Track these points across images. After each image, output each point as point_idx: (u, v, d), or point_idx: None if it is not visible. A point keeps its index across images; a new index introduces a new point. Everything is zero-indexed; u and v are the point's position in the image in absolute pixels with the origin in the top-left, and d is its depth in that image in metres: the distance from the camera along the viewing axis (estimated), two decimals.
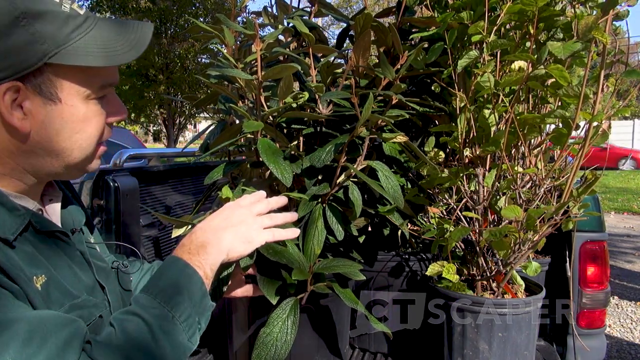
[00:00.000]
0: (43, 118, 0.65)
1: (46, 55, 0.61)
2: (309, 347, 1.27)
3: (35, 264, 0.65)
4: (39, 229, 0.69)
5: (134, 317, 0.66)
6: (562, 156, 1.17)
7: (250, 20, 1.21)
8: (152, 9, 12.29)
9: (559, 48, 1.01)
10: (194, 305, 0.70)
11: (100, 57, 0.65)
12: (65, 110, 0.66)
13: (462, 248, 1.35)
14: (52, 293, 0.66)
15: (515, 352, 1.19)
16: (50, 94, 0.64)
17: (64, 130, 0.67)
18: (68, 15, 0.64)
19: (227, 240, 0.78)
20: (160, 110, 13.77)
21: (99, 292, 0.78)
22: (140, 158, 2.28)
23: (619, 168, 13.85)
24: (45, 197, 0.78)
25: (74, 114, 0.67)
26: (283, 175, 1.09)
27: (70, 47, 0.63)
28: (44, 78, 0.63)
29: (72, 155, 0.69)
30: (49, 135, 0.66)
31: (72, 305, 0.68)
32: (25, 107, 0.63)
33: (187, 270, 0.72)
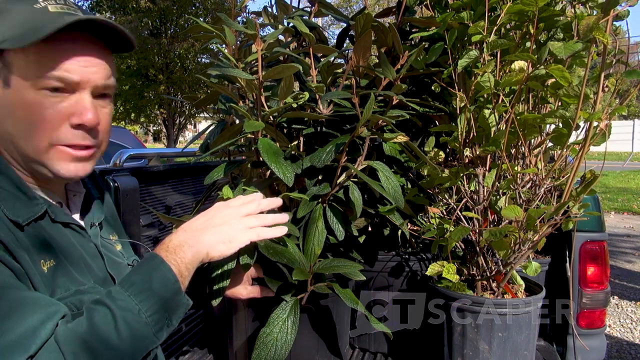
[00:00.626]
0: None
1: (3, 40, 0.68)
2: (309, 347, 1.27)
3: (46, 249, 0.71)
4: (54, 219, 0.76)
5: (102, 306, 0.68)
6: (562, 156, 1.17)
7: (250, 20, 1.21)
8: (152, 9, 12.28)
9: (560, 48, 1.01)
10: (164, 302, 0.71)
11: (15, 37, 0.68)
12: (12, 94, 0.70)
13: (462, 248, 1.35)
14: (58, 277, 0.71)
15: (515, 352, 1.19)
16: (6, 78, 0.70)
17: (12, 115, 0.71)
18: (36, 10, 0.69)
19: (205, 241, 0.79)
20: (160, 110, 13.77)
21: (110, 283, 0.83)
22: (140, 158, 2.28)
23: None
24: (69, 192, 0.86)
25: (20, 99, 0.70)
26: (285, 175, 1.09)
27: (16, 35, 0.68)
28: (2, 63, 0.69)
29: (20, 143, 0.72)
30: (3, 118, 0.71)
31: (78, 291, 0.74)
32: None
33: (161, 267, 0.73)
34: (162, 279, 0.72)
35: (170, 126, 14.03)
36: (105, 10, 12.78)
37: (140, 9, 12.23)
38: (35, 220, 0.72)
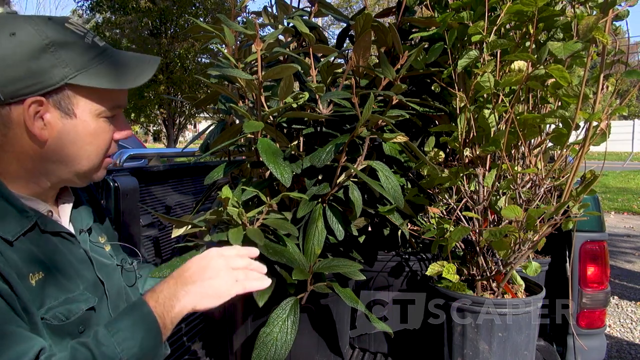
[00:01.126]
0: (60, 129, 0.76)
1: (67, 77, 0.74)
2: (309, 346, 1.27)
3: (35, 262, 0.74)
4: (43, 230, 0.78)
5: (86, 350, 0.71)
6: (562, 156, 1.17)
7: (250, 20, 1.21)
8: (152, 9, 12.28)
9: (560, 48, 1.01)
10: (146, 352, 0.75)
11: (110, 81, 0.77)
12: (79, 124, 0.78)
13: (462, 248, 1.35)
14: (47, 288, 0.75)
15: (515, 352, 1.19)
16: (67, 109, 0.76)
17: (76, 141, 0.78)
18: (89, 46, 0.77)
19: (193, 296, 0.81)
20: (160, 110, 13.76)
21: (100, 287, 0.86)
22: (140, 158, 2.28)
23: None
24: (59, 199, 0.89)
25: (86, 128, 0.78)
26: (282, 176, 1.09)
27: (87, 71, 0.76)
28: (64, 96, 0.75)
29: (81, 163, 0.80)
30: (63, 144, 0.77)
31: (67, 299, 0.77)
32: (45, 119, 0.75)
33: (148, 318, 0.76)
34: (147, 331, 0.75)
35: (170, 126, 14.03)
36: (105, 10, 12.78)
37: (140, 9, 12.22)
38: (25, 233, 0.75)
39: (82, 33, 0.78)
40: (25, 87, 0.72)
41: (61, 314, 0.75)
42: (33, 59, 0.72)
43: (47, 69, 0.73)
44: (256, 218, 1.13)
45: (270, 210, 1.16)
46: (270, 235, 1.17)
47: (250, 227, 1.10)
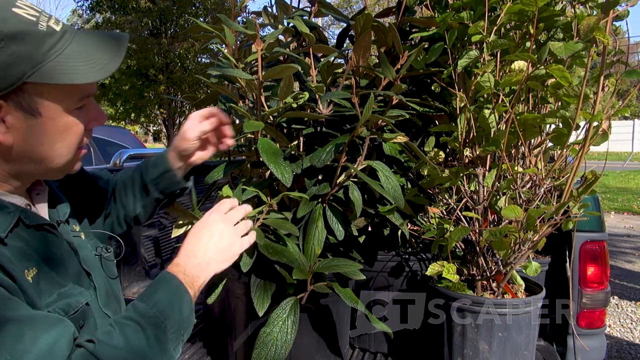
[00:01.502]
0: (25, 131, 0.69)
1: (24, 75, 0.65)
2: (309, 346, 1.27)
3: (26, 258, 0.71)
4: (28, 224, 0.74)
5: (133, 322, 0.72)
6: (562, 156, 1.17)
7: (250, 20, 1.21)
8: (152, 9, 12.27)
9: (560, 48, 1.01)
10: (182, 320, 0.78)
11: (75, 74, 0.68)
12: (45, 123, 0.70)
13: (462, 248, 1.35)
14: (41, 284, 0.71)
15: (515, 352, 1.19)
16: (31, 109, 0.68)
17: (45, 140, 0.71)
18: (44, 34, 0.67)
19: (214, 266, 0.89)
20: (160, 110, 13.76)
21: (85, 278, 0.83)
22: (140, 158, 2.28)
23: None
24: (32, 191, 0.82)
25: (54, 125, 0.71)
26: (283, 176, 1.09)
27: (46, 65, 0.66)
28: (24, 95, 0.67)
29: (53, 161, 0.74)
30: (31, 146, 0.71)
31: (60, 294, 0.74)
32: (7, 122, 0.68)
33: (180, 289, 0.80)
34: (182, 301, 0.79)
35: (170, 126, 14.03)
36: (105, 10, 12.77)
37: (140, 9, 12.22)
38: (12, 229, 0.71)
39: (35, 17, 0.67)
40: None
41: (61, 310, 0.73)
42: None
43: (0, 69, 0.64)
44: (256, 218, 1.13)
45: (270, 210, 1.16)
46: (270, 235, 1.17)
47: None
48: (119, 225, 1.08)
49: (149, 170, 1.06)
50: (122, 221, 1.07)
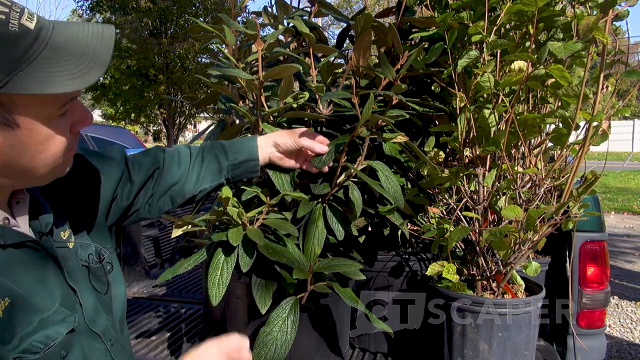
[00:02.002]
0: (1, 144, 0.61)
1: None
2: (308, 346, 1.27)
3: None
4: (3, 244, 0.65)
5: None
6: (562, 156, 1.17)
7: (250, 20, 1.21)
8: (152, 9, 12.28)
9: (560, 48, 1.01)
10: None
11: (55, 82, 0.59)
12: (24, 134, 0.61)
13: (462, 248, 1.35)
14: (17, 315, 0.63)
15: (515, 352, 1.19)
16: (6, 120, 0.59)
17: (26, 153, 0.63)
18: (17, 35, 0.57)
19: None
20: (160, 110, 13.76)
21: (71, 296, 0.74)
22: None
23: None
24: (12, 200, 0.73)
25: (34, 137, 0.62)
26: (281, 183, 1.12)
27: (20, 73, 0.57)
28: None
29: (37, 172, 0.66)
30: (10, 160, 0.63)
31: (42, 321, 0.66)
32: None
33: None
34: None
35: (170, 126, 14.03)
36: (105, 10, 12.78)
37: (140, 9, 12.23)
38: None
39: (4, 15, 0.56)
40: None
41: (39, 342, 0.64)
42: None
43: None
44: (256, 218, 1.13)
45: (270, 210, 1.16)
46: (270, 235, 1.17)
47: (250, 227, 1.11)
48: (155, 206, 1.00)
49: (229, 154, 1.04)
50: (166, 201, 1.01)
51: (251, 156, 1.06)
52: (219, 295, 1.07)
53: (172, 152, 1.04)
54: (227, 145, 1.06)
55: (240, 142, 1.08)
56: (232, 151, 1.05)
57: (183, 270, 1.12)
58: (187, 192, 1.02)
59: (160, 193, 1.01)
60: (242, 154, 1.05)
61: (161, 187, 1.01)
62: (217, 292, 1.07)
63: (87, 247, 0.84)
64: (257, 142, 1.08)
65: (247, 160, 1.05)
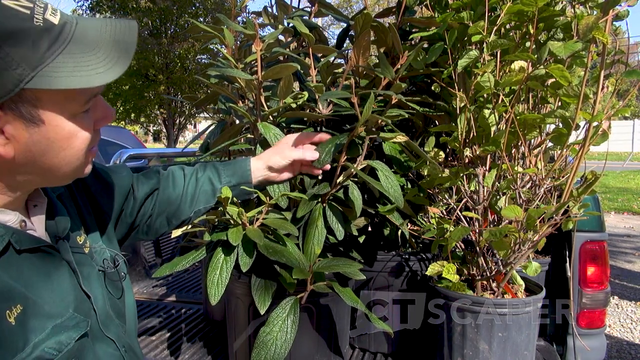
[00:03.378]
0: (26, 141, 0.61)
1: (22, 80, 0.57)
2: (308, 346, 1.27)
3: (11, 295, 0.62)
4: (19, 249, 0.65)
5: None
6: (562, 156, 1.17)
7: (250, 20, 1.21)
8: (152, 9, 12.28)
9: (560, 48, 1.01)
10: None
11: (80, 77, 0.59)
12: (49, 130, 0.62)
13: (462, 248, 1.35)
14: (29, 322, 0.63)
15: (515, 352, 1.19)
16: (31, 116, 0.60)
17: (50, 150, 0.64)
18: (41, 29, 0.58)
19: None
20: (160, 110, 13.77)
21: (86, 301, 0.75)
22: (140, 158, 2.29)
23: None
24: (29, 202, 0.73)
25: (59, 133, 0.63)
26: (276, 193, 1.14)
27: (47, 67, 0.58)
28: (23, 102, 0.59)
29: (60, 170, 0.67)
30: (34, 157, 0.63)
31: (55, 327, 0.66)
32: (6, 132, 0.60)
33: None
34: None
35: (170, 126, 14.04)
36: (105, 10, 12.78)
37: (140, 9, 12.23)
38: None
39: (29, 10, 0.57)
40: None
41: (52, 349, 0.64)
42: None
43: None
44: (256, 218, 1.13)
45: (270, 210, 1.16)
46: (270, 235, 1.17)
47: (250, 227, 1.11)
48: (152, 228, 1.02)
49: (223, 177, 1.06)
50: (161, 222, 1.03)
51: (245, 179, 1.07)
52: (218, 295, 1.06)
53: (167, 174, 1.06)
54: (220, 168, 1.08)
55: (233, 165, 1.09)
56: (226, 174, 1.07)
57: (181, 267, 1.12)
58: (182, 214, 1.04)
59: (157, 214, 1.02)
60: (235, 177, 1.07)
61: (158, 207, 1.02)
62: (217, 292, 1.07)
63: (103, 253, 0.84)
64: (250, 165, 1.08)
65: (240, 183, 1.07)
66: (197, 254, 1.16)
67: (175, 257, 1.18)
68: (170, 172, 1.06)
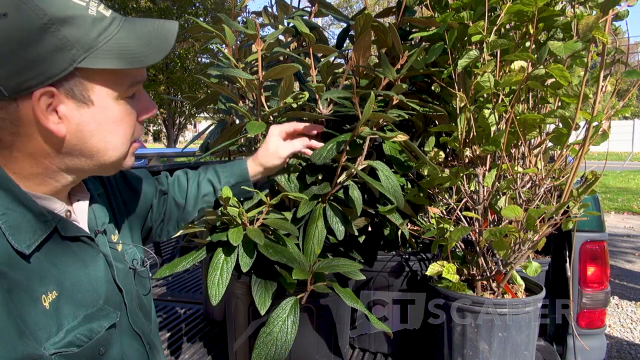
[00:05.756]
0: (78, 121, 0.66)
1: (75, 60, 0.63)
2: (309, 346, 1.27)
3: (49, 278, 0.66)
4: (63, 235, 0.70)
5: None
6: (562, 156, 1.17)
7: (250, 20, 1.21)
8: (152, 9, 12.29)
9: (560, 47, 1.01)
10: None
11: (127, 59, 0.66)
12: (98, 112, 0.67)
13: (462, 248, 1.35)
14: (63, 307, 0.66)
15: (515, 352, 1.19)
16: (82, 97, 0.66)
17: (98, 131, 0.69)
18: (95, 18, 0.65)
19: None
20: (160, 110, 13.76)
21: (117, 295, 0.79)
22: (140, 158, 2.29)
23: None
24: (72, 196, 0.78)
25: (107, 115, 0.69)
26: (289, 187, 1.16)
27: (98, 50, 0.64)
28: (76, 82, 0.64)
29: (106, 154, 0.71)
30: (83, 137, 0.68)
31: (86, 316, 0.69)
32: (60, 111, 0.65)
33: None
34: None
35: (170, 126, 14.04)
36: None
37: (140, 9, 12.23)
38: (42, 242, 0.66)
39: (85, 2, 0.64)
40: (29, 78, 0.61)
41: (83, 336, 0.66)
42: (33, 44, 0.60)
43: (51, 53, 0.61)
44: (256, 218, 1.13)
45: (270, 210, 1.16)
46: (270, 235, 1.17)
47: (250, 227, 1.11)
48: (164, 230, 1.08)
49: (222, 177, 1.11)
50: (172, 225, 1.09)
51: (243, 178, 1.13)
52: (218, 295, 1.07)
53: (174, 179, 1.12)
54: (219, 169, 1.14)
55: (232, 166, 1.15)
56: (225, 174, 1.13)
57: (181, 267, 1.12)
58: (189, 215, 1.10)
59: (168, 218, 1.08)
60: (234, 177, 1.13)
61: (169, 212, 1.08)
62: (217, 292, 1.07)
63: (133, 253, 0.89)
64: (246, 162, 1.14)
65: (239, 182, 1.12)
66: (198, 254, 1.16)
67: (176, 258, 1.18)
68: (176, 177, 1.12)
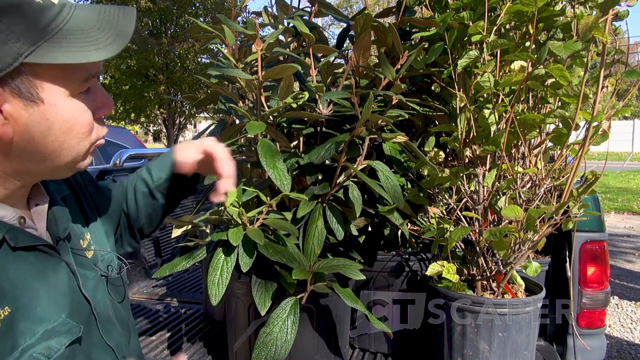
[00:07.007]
0: (26, 121, 0.59)
1: (21, 54, 0.56)
2: (309, 346, 1.27)
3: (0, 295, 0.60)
4: (14, 246, 0.63)
5: None
6: (562, 156, 1.17)
7: (250, 20, 1.21)
8: (152, 9, 12.28)
9: (560, 47, 1.01)
10: None
11: (79, 52, 0.59)
12: (48, 110, 0.60)
13: (462, 248, 1.35)
14: (18, 324, 0.61)
15: (515, 352, 1.19)
16: (30, 94, 0.59)
17: (50, 132, 0.61)
18: (41, 6, 0.58)
19: None
20: (160, 110, 13.76)
21: (85, 306, 0.72)
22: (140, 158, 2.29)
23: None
24: (31, 200, 0.71)
25: (59, 113, 0.61)
26: (282, 183, 1.10)
27: (46, 43, 0.57)
28: (22, 79, 0.57)
29: (60, 156, 0.64)
30: (33, 139, 0.61)
31: (46, 332, 0.63)
32: (5, 111, 0.58)
33: None
34: None
35: (170, 126, 14.03)
36: None
37: (140, 9, 12.22)
38: None
39: None
40: None
41: (40, 355, 0.61)
42: None
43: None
44: (256, 218, 1.13)
45: (270, 211, 1.16)
46: (270, 235, 1.17)
47: (250, 227, 1.11)
48: (128, 240, 0.99)
49: (154, 174, 0.95)
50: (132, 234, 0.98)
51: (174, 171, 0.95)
52: (218, 295, 1.06)
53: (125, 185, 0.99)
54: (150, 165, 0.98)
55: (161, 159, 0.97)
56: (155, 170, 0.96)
57: (181, 267, 1.12)
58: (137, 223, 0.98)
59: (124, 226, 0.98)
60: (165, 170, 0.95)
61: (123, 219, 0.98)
62: (217, 292, 1.07)
63: (110, 259, 0.83)
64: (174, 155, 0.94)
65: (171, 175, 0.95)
66: (198, 254, 1.16)
67: (176, 258, 1.18)
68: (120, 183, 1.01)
